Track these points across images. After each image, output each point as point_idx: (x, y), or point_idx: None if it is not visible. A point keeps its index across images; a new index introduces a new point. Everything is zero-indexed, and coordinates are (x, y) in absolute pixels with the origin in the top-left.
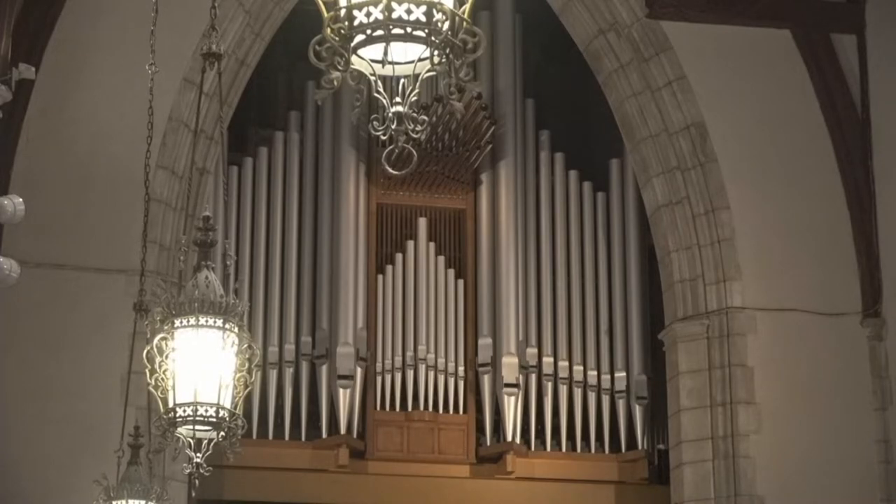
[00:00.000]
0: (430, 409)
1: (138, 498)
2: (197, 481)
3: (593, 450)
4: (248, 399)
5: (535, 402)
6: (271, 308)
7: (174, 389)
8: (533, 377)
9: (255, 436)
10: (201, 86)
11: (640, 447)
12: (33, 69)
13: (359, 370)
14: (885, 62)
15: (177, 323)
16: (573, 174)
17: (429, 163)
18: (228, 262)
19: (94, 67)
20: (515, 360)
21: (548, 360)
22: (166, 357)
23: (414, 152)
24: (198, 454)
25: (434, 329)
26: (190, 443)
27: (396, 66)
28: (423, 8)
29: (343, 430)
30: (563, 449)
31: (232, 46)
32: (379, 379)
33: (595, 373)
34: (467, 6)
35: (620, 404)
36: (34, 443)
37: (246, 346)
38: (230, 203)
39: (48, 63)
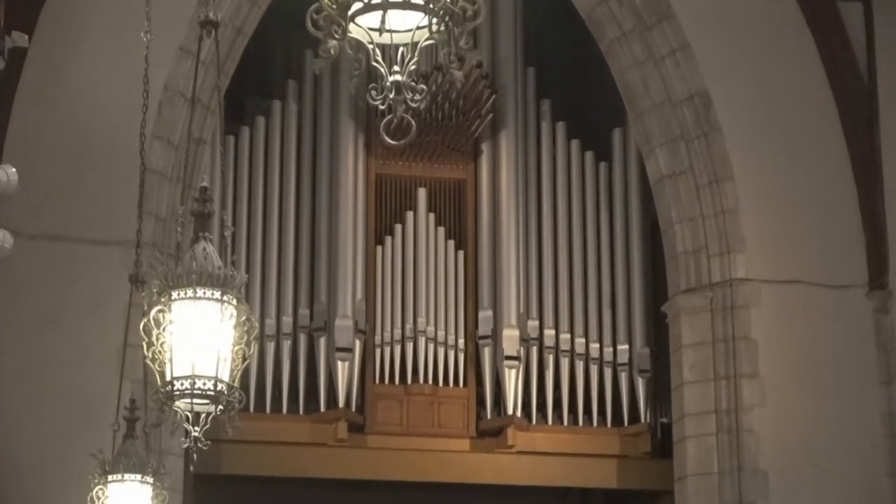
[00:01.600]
0: (430, 382)
1: (134, 472)
2: (194, 455)
3: (595, 423)
4: (245, 372)
5: (537, 375)
6: (269, 280)
7: (171, 362)
8: (534, 350)
9: (252, 409)
10: (198, 54)
11: (642, 421)
12: (26, 37)
13: (357, 343)
14: (891, 30)
15: (174, 295)
16: (575, 144)
17: (428, 133)
18: (226, 234)
19: (89, 36)
20: (516, 332)
21: (549, 332)
22: (163, 330)
23: (413, 122)
24: (195, 428)
25: (434, 301)
26: (187, 416)
27: (395, 35)
28: None
29: (342, 404)
30: (565, 423)
31: (229, 14)
32: (378, 352)
33: (597, 345)
34: None
35: (623, 377)
36: (29, 417)
37: (244, 318)
38: (227, 173)
39: (42, 31)
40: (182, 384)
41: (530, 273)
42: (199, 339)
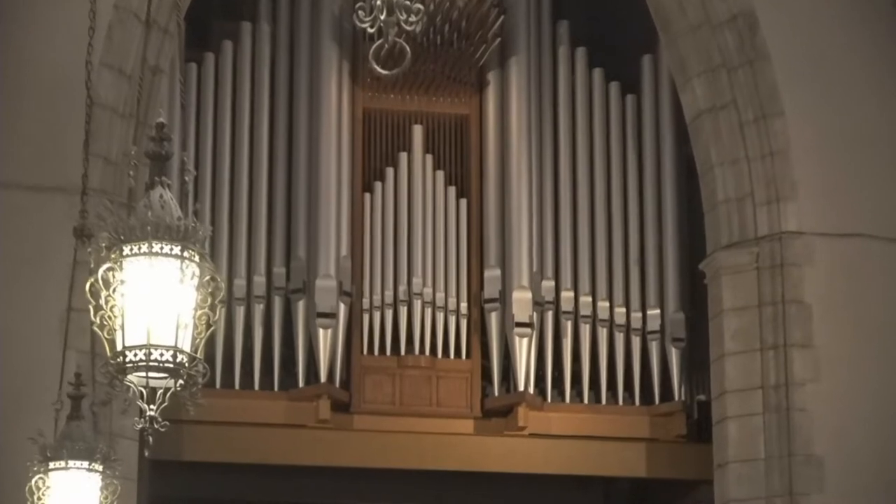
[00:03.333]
0: (427, 353)
1: (80, 459)
2: (150, 438)
3: (621, 401)
4: (210, 341)
5: (552, 344)
6: (238, 233)
7: (123, 330)
8: (549, 315)
9: (218, 385)
10: None
11: (676, 398)
12: None
13: (342, 307)
14: None
15: (126, 251)
16: (597, 73)
17: (425, 60)
18: (187, 178)
19: None
20: (529, 294)
21: (567, 294)
22: (114, 291)
23: (407, 48)
24: (151, 406)
25: (431, 258)
26: (142, 393)
27: None
28: None
29: (324, 379)
30: (585, 400)
31: None
32: (366, 317)
33: (623, 310)
34: None
35: (653, 347)
36: None
37: (208, 278)
38: (188, 108)
39: None
40: (135, 355)
41: (545, 225)
42: (156, 302)
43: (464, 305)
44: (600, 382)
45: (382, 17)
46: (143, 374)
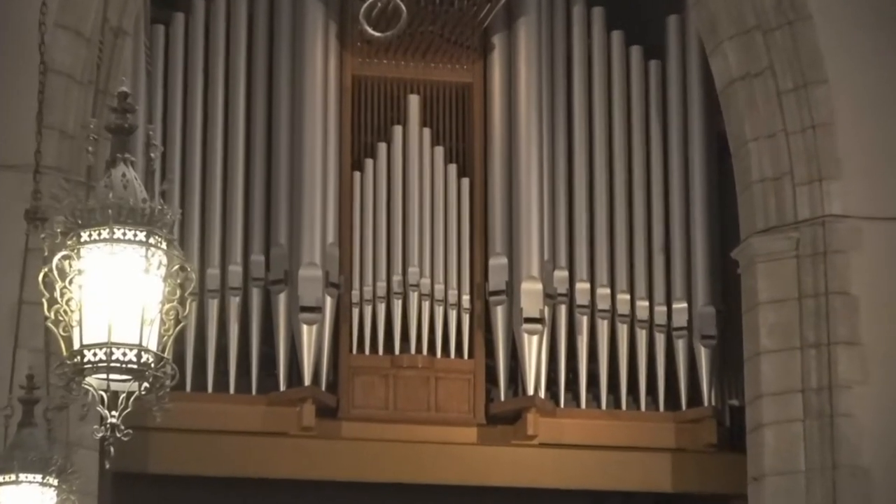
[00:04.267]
0: (425, 352)
1: (33, 471)
2: (112, 448)
3: (643, 407)
4: (180, 339)
5: (566, 342)
6: (210, 217)
7: (81, 326)
8: (562, 310)
9: (189, 388)
10: None
11: (705, 403)
12: None
13: (329, 300)
14: None
15: (84, 236)
16: (616, 36)
17: (423, 22)
18: (153, 155)
19: None
20: (539, 286)
21: (582, 286)
22: (70, 282)
23: (402, 7)
24: (113, 412)
25: (430, 245)
26: (102, 397)
27: None
28: None
29: (308, 381)
30: (603, 406)
31: None
32: (356, 312)
33: (646, 304)
34: None
35: (680, 346)
36: None
37: (177, 267)
38: (155, 75)
39: None
40: (95, 354)
41: (557, 208)
42: (118, 295)
43: (466, 298)
44: (620, 385)
45: None
46: (104, 375)
